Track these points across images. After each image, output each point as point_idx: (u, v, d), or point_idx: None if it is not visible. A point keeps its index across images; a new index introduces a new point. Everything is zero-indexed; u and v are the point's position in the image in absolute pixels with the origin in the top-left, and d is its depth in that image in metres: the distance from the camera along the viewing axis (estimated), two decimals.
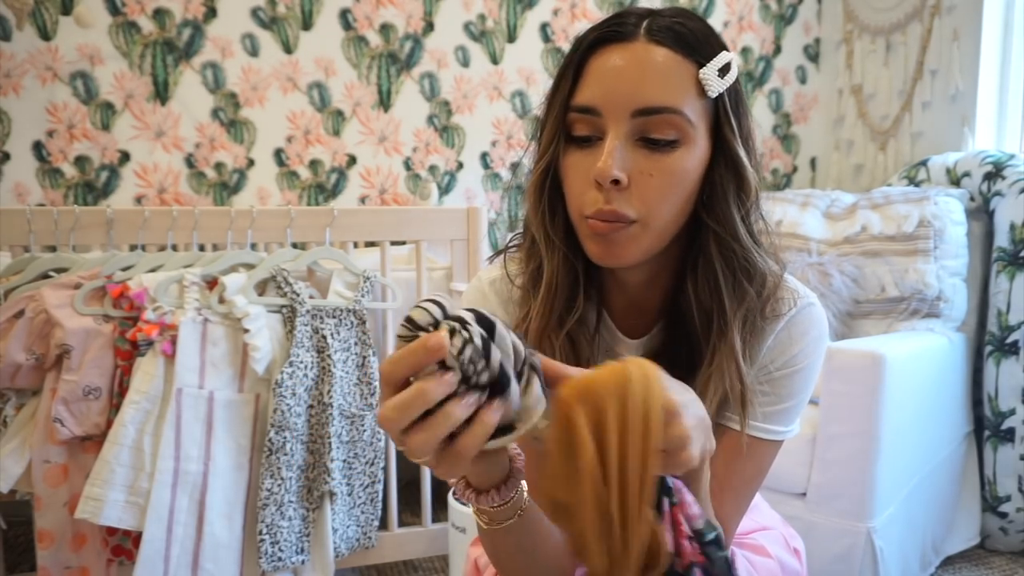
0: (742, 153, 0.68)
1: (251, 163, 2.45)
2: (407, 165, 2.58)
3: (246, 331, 1.51)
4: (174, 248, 1.60)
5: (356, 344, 1.64)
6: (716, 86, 0.66)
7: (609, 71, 0.65)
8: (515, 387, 0.48)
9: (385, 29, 2.51)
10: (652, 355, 0.72)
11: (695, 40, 0.66)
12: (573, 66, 0.67)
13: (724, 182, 0.68)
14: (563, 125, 0.68)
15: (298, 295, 1.57)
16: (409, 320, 0.48)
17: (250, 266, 1.59)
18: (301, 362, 1.55)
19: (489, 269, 0.80)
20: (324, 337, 1.58)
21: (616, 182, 0.64)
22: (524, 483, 0.63)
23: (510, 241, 0.80)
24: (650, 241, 0.67)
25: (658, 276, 0.73)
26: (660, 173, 0.65)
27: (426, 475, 1.81)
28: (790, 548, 0.90)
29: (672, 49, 0.65)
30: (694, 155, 0.66)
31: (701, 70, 0.65)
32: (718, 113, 0.67)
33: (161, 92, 2.36)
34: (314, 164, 2.51)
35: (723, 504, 0.70)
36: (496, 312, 0.72)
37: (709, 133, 0.67)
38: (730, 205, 0.68)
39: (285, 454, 1.53)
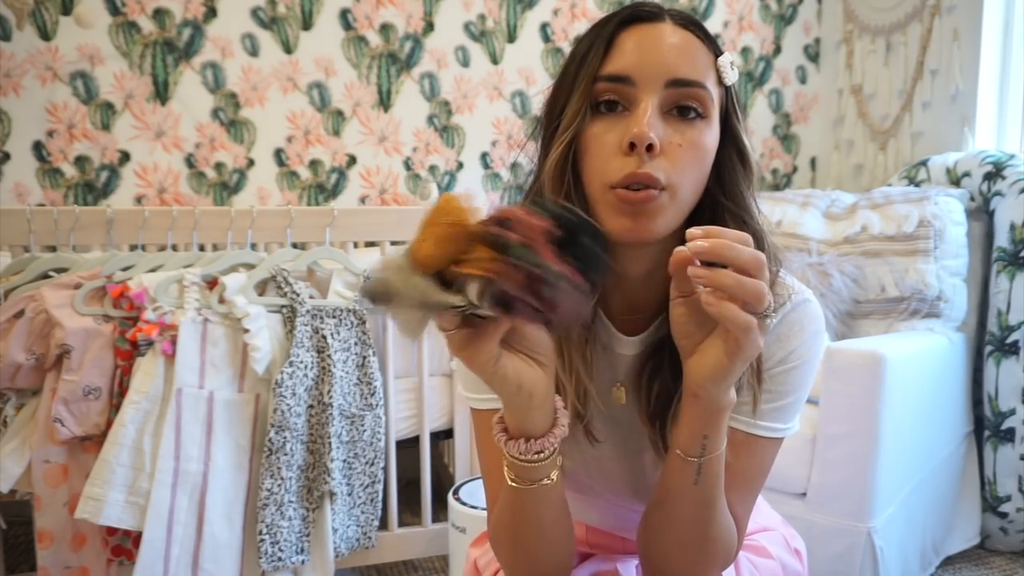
0: (747, 142, 0.71)
1: (251, 163, 2.45)
2: (407, 165, 2.58)
3: (246, 331, 1.51)
4: (174, 248, 1.60)
5: (356, 344, 1.64)
6: (731, 75, 0.69)
7: (644, 41, 0.67)
8: None
9: (385, 29, 2.51)
10: (650, 352, 0.73)
11: (709, 33, 0.71)
12: (604, 39, 0.67)
13: (733, 165, 0.71)
14: (590, 96, 0.67)
15: (298, 295, 1.57)
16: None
17: (250, 266, 1.59)
18: (301, 362, 1.55)
19: None
20: (324, 337, 1.58)
21: (650, 147, 0.64)
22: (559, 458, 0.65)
23: None
24: (674, 214, 0.67)
25: (657, 268, 0.72)
26: (688, 144, 0.66)
27: (426, 475, 1.81)
28: (791, 549, 0.90)
29: (695, 34, 0.69)
30: (713, 133, 0.68)
31: (719, 58, 0.69)
32: (727, 102, 0.70)
33: (161, 92, 2.36)
34: (314, 164, 2.51)
35: (731, 505, 0.70)
36: None
37: (720, 119, 0.70)
38: (742, 187, 0.70)
39: (285, 454, 1.53)
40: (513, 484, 0.65)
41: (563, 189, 0.68)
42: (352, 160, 2.53)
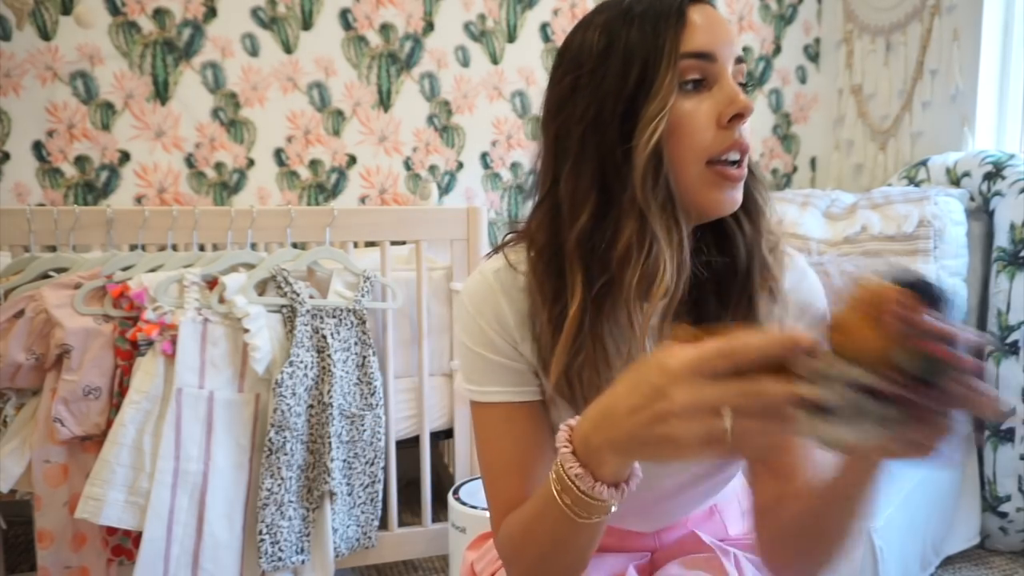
0: None
1: (251, 163, 2.45)
2: (407, 165, 2.58)
3: (246, 331, 1.51)
4: (174, 248, 1.60)
5: (356, 344, 1.64)
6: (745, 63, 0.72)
7: (711, 18, 0.67)
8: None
9: (385, 29, 2.51)
10: (684, 309, 0.71)
11: None
12: (675, 15, 0.66)
13: None
14: (677, 75, 0.66)
15: (298, 295, 1.57)
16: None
17: (250, 266, 1.59)
18: (301, 362, 1.55)
19: (490, 261, 0.77)
20: (324, 337, 1.58)
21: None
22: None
23: (507, 235, 0.78)
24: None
25: None
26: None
27: (426, 475, 1.81)
28: None
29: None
30: None
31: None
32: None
33: (161, 92, 2.36)
34: (314, 164, 2.51)
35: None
36: (499, 300, 0.73)
37: None
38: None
39: (285, 454, 1.53)
40: (566, 512, 0.58)
41: (659, 175, 0.66)
42: (352, 160, 2.53)
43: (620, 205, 0.67)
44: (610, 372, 0.69)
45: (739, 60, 0.69)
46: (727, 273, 0.72)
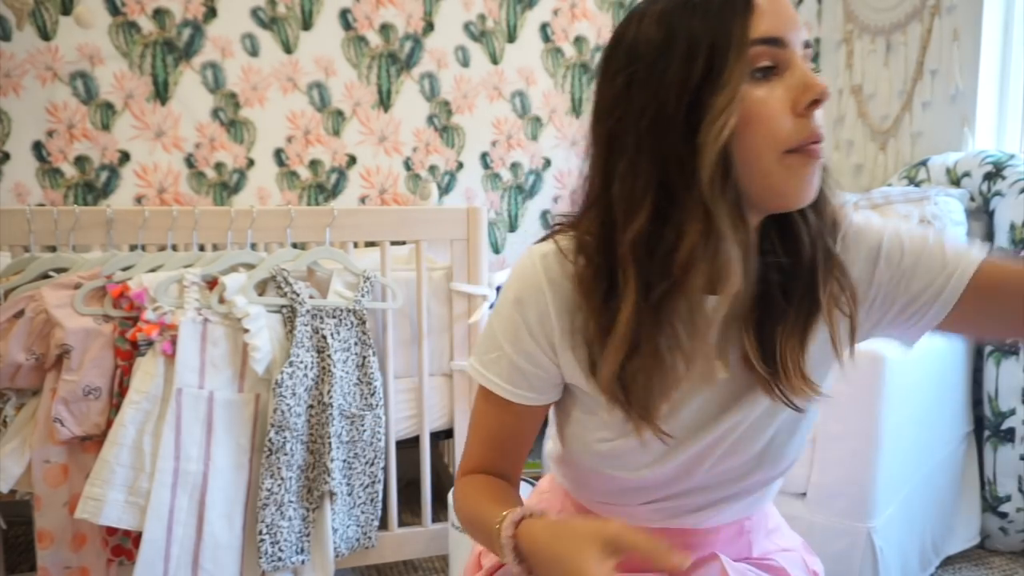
0: None
1: (251, 163, 2.45)
2: (407, 165, 2.58)
3: (246, 331, 1.51)
4: (174, 248, 1.60)
5: (356, 344, 1.64)
6: None
7: (781, 5, 0.64)
8: None
9: (385, 29, 2.51)
10: (752, 301, 0.69)
11: None
12: (742, 1, 0.63)
13: None
14: (747, 62, 0.62)
15: (298, 295, 1.57)
16: None
17: (250, 266, 1.59)
18: (301, 362, 1.55)
19: (540, 244, 0.74)
20: (324, 337, 1.58)
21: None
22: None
23: (556, 224, 0.75)
24: None
25: None
26: None
27: (426, 475, 1.81)
28: (810, 571, 0.87)
29: None
30: None
31: None
32: None
33: (161, 92, 2.36)
34: (314, 164, 2.51)
35: None
36: (544, 292, 0.71)
37: None
38: None
39: (285, 454, 1.53)
40: (490, 545, 0.70)
41: (729, 171, 0.62)
42: (352, 160, 2.53)
43: (682, 205, 0.63)
44: (665, 379, 0.68)
45: (807, 44, 0.65)
46: (791, 266, 0.69)
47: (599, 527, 0.60)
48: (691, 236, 0.62)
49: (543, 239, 0.74)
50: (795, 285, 0.69)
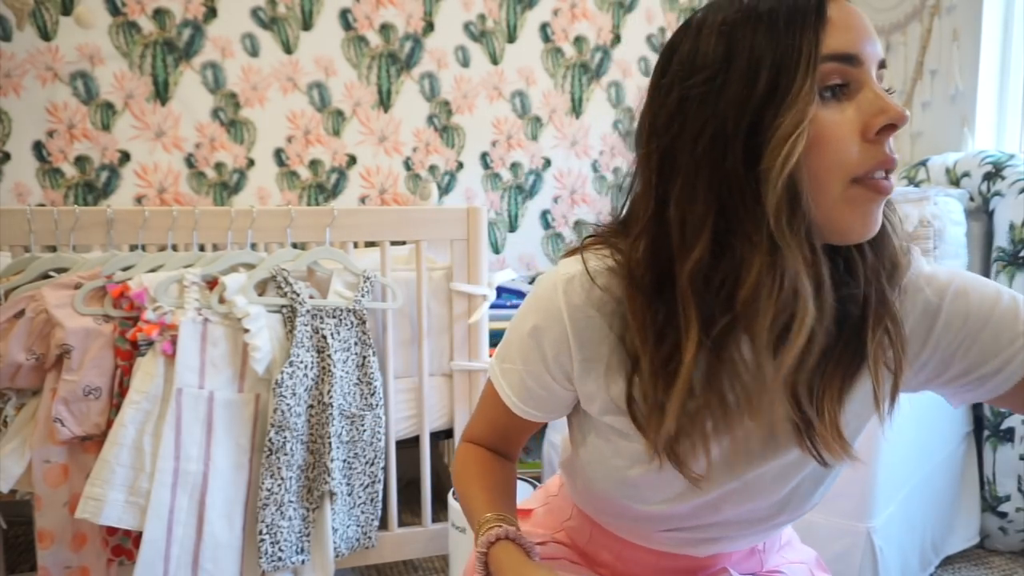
0: None
1: (251, 163, 2.45)
2: (407, 165, 2.59)
3: (246, 331, 1.51)
4: (174, 248, 1.60)
5: (356, 344, 1.64)
6: None
7: (853, 16, 0.58)
8: None
9: (385, 29, 2.51)
10: (815, 363, 0.62)
11: None
12: (813, 11, 0.57)
13: None
14: (818, 79, 0.57)
15: (298, 295, 1.57)
16: None
17: (250, 266, 1.59)
18: (301, 362, 1.55)
19: (567, 263, 0.68)
20: (324, 337, 1.58)
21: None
22: None
23: (589, 236, 0.70)
24: None
25: None
26: None
27: (426, 475, 1.81)
28: None
29: None
30: None
31: None
32: None
33: (161, 92, 2.36)
34: (314, 164, 2.51)
35: None
36: (563, 325, 0.66)
37: None
38: None
39: (285, 454, 1.53)
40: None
41: (798, 199, 0.56)
42: (352, 160, 2.54)
43: (745, 234, 0.57)
44: (728, 425, 0.63)
45: (882, 64, 0.59)
46: (843, 309, 0.62)
47: None
48: (756, 269, 0.56)
49: (572, 251, 0.69)
50: (842, 328, 0.62)
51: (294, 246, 1.67)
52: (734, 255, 0.58)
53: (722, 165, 0.57)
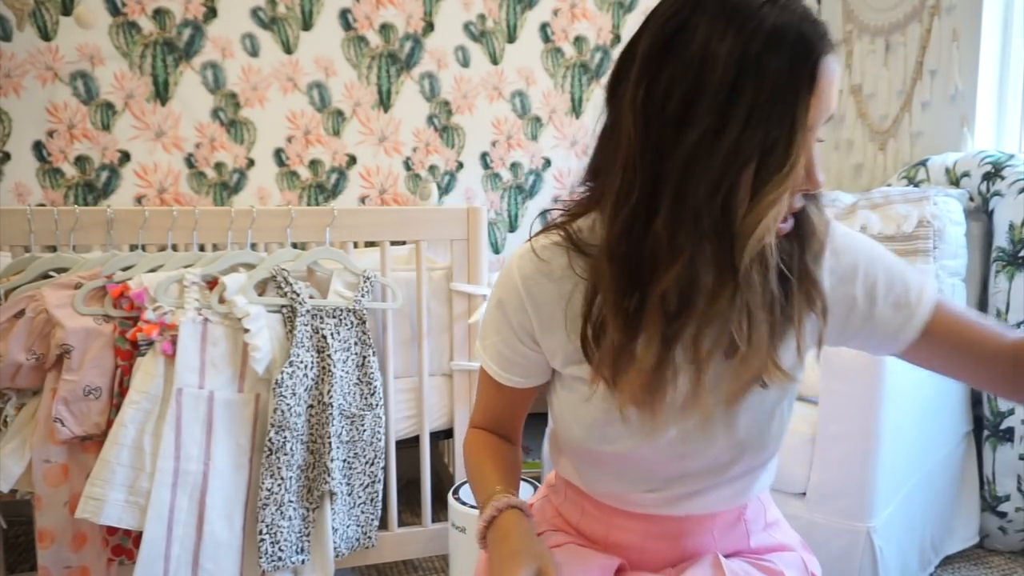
0: None
1: (251, 163, 2.45)
2: (407, 165, 2.59)
3: (246, 331, 1.51)
4: (174, 248, 1.60)
5: (356, 344, 1.64)
6: None
7: (834, 83, 0.64)
8: None
9: (385, 29, 2.52)
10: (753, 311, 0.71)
11: None
12: (809, 75, 0.61)
13: None
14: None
15: (298, 295, 1.58)
16: None
17: (250, 266, 1.59)
18: (301, 362, 1.56)
19: (525, 245, 0.80)
20: (324, 337, 1.59)
21: None
22: None
23: (554, 221, 0.79)
24: None
25: None
26: None
27: (426, 475, 1.81)
28: (808, 572, 0.88)
29: None
30: None
31: None
32: None
33: (161, 92, 2.36)
34: (314, 164, 2.51)
35: (1001, 336, 0.76)
36: (522, 298, 0.77)
37: None
38: None
39: (285, 454, 1.54)
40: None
41: (766, 249, 0.65)
42: (352, 160, 2.54)
43: (717, 270, 0.66)
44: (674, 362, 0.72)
45: (830, 118, 0.66)
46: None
47: (544, 557, 0.70)
48: (721, 298, 0.66)
49: (541, 232, 0.80)
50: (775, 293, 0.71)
51: (294, 246, 1.67)
52: (701, 280, 0.67)
53: (707, 206, 0.63)
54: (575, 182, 0.82)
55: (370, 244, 2.40)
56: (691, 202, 0.64)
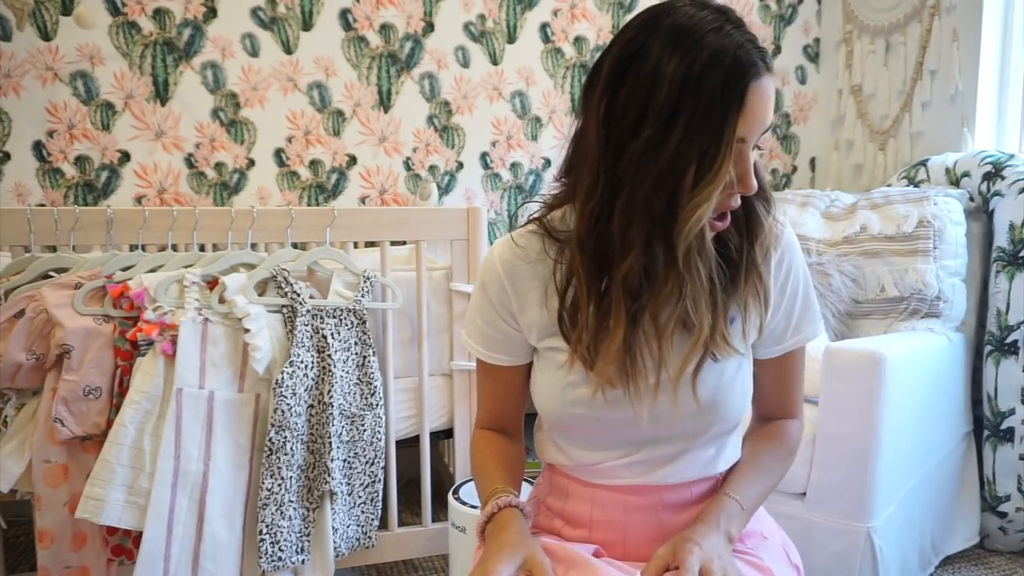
0: None
1: (251, 163, 2.45)
2: (407, 165, 2.59)
3: (246, 331, 1.51)
4: (174, 248, 1.60)
5: (356, 344, 1.64)
6: None
7: (767, 103, 0.74)
8: None
9: (385, 29, 2.52)
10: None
11: None
12: (738, 97, 0.71)
13: None
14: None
15: (298, 295, 1.58)
16: None
17: (250, 266, 1.59)
18: (301, 362, 1.56)
19: (507, 237, 0.90)
20: (324, 337, 1.59)
21: None
22: None
23: (535, 213, 0.90)
24: None
25: None
26: None
27: (426, 475, 1.81)
28: (792, 564, 0.90)
29: None
30: None
31: None
32: None
33: (161, 92, 2.36)
34: (314, 164, 2.51)
35: (792, 403, 0.98)
36: (502, 281, 0.87)
37: None
38: None
39: (285, 454, 1.54)
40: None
41: (702, 244, 0.77)
42: (352, 160, 2.54)
43: (667, 261, 0.76)
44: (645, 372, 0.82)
45: (765, 131, 0.76)
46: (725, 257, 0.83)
47: (533, 551, 0.78)
48: (668, 281, 0.77)
49: (522, 225, 0.90)
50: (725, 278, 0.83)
51: (294, 246, 1.67)
52: (658, 270, 0.77)
53: (656, 203, 0.74)
54: (552, 177, 0.98)
55: (370, 244, 2.40)
56: (640, 200, 0.74)
